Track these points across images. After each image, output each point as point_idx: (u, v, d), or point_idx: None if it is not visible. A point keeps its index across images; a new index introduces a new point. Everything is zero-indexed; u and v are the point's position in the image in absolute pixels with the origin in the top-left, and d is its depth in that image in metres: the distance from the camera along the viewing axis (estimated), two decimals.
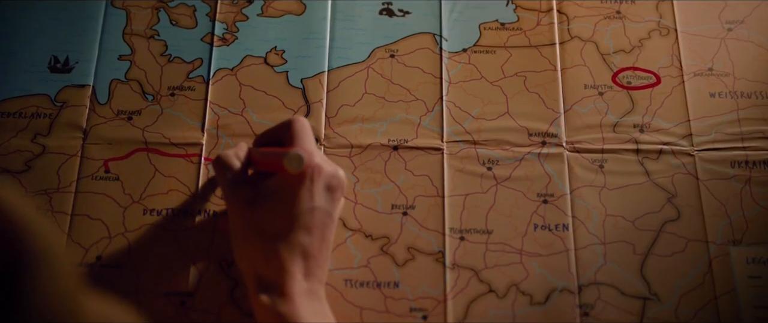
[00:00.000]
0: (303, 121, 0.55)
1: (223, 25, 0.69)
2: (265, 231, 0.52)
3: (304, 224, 0.52)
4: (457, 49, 0.68)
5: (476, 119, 0.65)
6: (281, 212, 0.52)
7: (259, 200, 0.53)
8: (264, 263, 0.52)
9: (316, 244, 0.52)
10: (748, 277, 0.59)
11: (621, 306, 0.58)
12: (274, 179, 0.54)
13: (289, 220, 0.52)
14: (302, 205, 0.52)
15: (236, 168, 0.55)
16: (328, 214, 0.53)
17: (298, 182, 0.52)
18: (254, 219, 0.53)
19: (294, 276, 0.51)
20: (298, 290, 0.51)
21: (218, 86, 0.66)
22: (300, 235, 0.52)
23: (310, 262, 0.52)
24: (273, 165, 0.54)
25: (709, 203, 0.62)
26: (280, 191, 0.53)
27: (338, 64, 0.67)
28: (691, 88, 0.66)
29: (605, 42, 0.68)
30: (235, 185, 0.54)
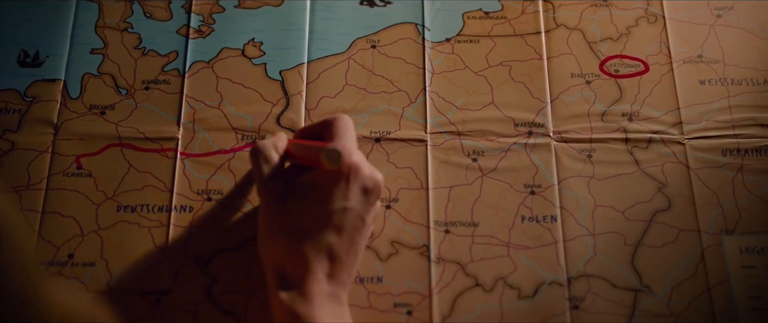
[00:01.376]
0: (346, 119, 0.55)
1: (199, 17, 0.69)
2: (294, 227, 0.51)
3: (334, 224, 0.51)
4: (440, 39, 0.68)
5: (461, 110, 0.65)
6: (312, 209, 0.51)
7: (291, 194, 0.53)
8: (287, 259, 0.51)
9: (344, 246, 0.51)
10: (742, 267, 0.59)
11: (612, 299, 0.58)
12: (309, 174, 0.53)
13: (320, 218, 0.51)
14: (335, 204, 0.51)
15: (273, 160, 0.54)
16: (360, 217, 0.52)
17: (333, 180, 0.51)
18: (284, 213, 0.52)
19: (316, 276, 0.50)
20: (318, 291, 0.50)
21: (194, 79, 0.66)
22: (328, 235, 0.51)
23: (335, 264, 0.51)
24: (310, 159, 0.53)
25: (700, 192, 0.62)
26: (313, 188, 0.52)
27: (318, 55, 0.67)
28: (680, 75, 0.66)
29: (592, 30, 0.68)
30: (270, 176, 0.54)
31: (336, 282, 0.51)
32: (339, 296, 0.51)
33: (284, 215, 0.52)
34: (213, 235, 0.60)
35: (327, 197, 0.51)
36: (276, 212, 0.52)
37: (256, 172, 0.54)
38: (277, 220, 0.52)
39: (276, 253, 0.52)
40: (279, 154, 0.55)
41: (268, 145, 0.55)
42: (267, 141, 0.55)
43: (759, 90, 0.65)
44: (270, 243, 0.52)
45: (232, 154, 0.63)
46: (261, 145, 0.54)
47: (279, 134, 0.57)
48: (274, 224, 0.52)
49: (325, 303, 0.50)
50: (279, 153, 0.55)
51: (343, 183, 0.51)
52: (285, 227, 0.52)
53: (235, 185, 0.61)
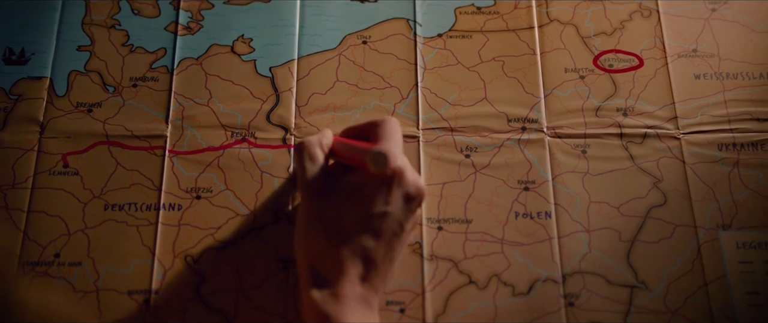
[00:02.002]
0: (394, 121, 0.55)
1: (187, 13, 0.68)
2: (332, 226, 0.51)
3: (372, 228, 0.51)
4: (432, 35, 0.68)
5: (453, 106, 0.65)
6: (352, 210, 0.51)
7: (333, 193, 0.52)
8: (322, 258, 0.51)
9: (380, 251, 0.51)
10: (739, 262, 0.59)
11: (607, 296, 0.58)
12: (353, 175, 0.53)
13: (359, 220, 0.51)
14: (376, 208, 0.51)
15: (318, 157, 0.54)
16: (400, 223, 0.52)
17: (376, 183, 0.51)
18: (323, 212, 0.52)
19: (350, 277, 0.50)
20: (350, 292, 0.50)
21: (183, 76, 0.66)
22: (366, 238, 0.51)
23: (370, 268, 0.51)
24: (355, 160, 0.53)
25: (696, 187, 0.62)
26: (356, 189, 0.52)
27: (308, 51, 0.67)
28: (675, 70, 0.66)
29: (585, 25, 0.68)
30: (313, 174, 0.53)
31: (369, 287, 0.51)
32: (370, 301, 0.51)
33: (324, 214, 0.52)
34: (202, 233, 0.60)
35: (368, 200, 0.51)
36: (316, 210, 0.52)
37: (300, 169, 0.54)
38: (316, 218, 0.52)
39: (311, 250, 0.51)
40: (324, 152, 0.55)
41: (314, 142, 0.54)
42: (313, 138, 0.55)
43: (754, 84, 0.65)
44: (307, 240, 0.52)
45: (222, 151, 0.63)
46: (307, 142, 0.54)
47: (325, 131, 0.57)
48: (313, 222, 0.52)
49: (356, 306, 0.50)
50: (324, 151, 0.55)
51: (385, 187, 0.51)
52: (323, 225, 0.51)
53: (224, 183, 0.61)
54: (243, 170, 0.62)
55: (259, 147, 0.63)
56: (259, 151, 0.63)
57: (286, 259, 0.59)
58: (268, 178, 0.62)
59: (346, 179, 0.53)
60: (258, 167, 0.62)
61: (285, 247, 0.59)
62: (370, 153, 0.49)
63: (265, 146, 0.63)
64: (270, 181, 0.61)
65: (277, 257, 0.59)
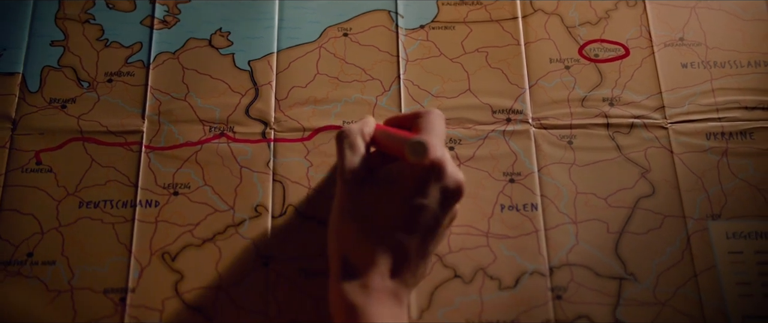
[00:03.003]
0: (438, 114, 0.54)
1: (164, 7, 0.68)
2: (366, 217, 0.51)
3: (406, 221, 0.50)
4: (414, 26, 0.68)
5: (436, 97, 0.65)
6: (388, 201, 0.51)
7: (371, 182, 0.52)
8: (354, 248, 0.50)
9: (413, 245, 0.50)
10: (729, 252, 0.59)
11: (596, 288, 0.58)
12: (392, 165, 0.52)
13: (393, 212, 0.50)
14: (412, 200, 0.50)
15: (358, 146, 0.53)
16: (436, 218, 0.51)
17: (414, 175, 0.50)
18: (359, 201, 0.51)
19: (380, 270, 0.49)
20: (379, 285, 0.49)
21: (159, 70, 0.65)
22: (400, 231, 0.50)
23: (401, 262, 0.50)
24: (394, 149, 0.52)
25: (684, 177, 0.62)
26: (393, 179, 0.51)
27: (288, 44, 0.67)
28: (661, 59, 0.66)
29: (570, 14, 0.69)
30: (352, 162, 0.52)
31: (399, 281, 0.50)
32: (400, 295, 0.50)
33: (359, 203, 0.51)
34: (180, 230, 0.59)
35: (405, 192, 0.50)
36: (352, 199, 0.51)
37: (339, 156, 0.53)
38: (351, 206, 0.51)
39: (344, 240, 0.50)
40: (365, 140, 0.54)
41: (355, 130, 0.54)
42: (354, 126, 0.54)
43: (742, 72, 0.66)
44: (340, 228, 0.51)
45: (200, 146, 0.62)
46: (348, 130, 0.54)
47: (367, 119, 0.56)
48: (348, 211, 0.51)
49: (385, 300, 0.49)
50: (365, 140, 0.54)
51: (424, 180, 0.50)
52: (358, 215, 0.51)
53: (203, 179, 0.61)
54: (222, 165, 0.62)
55: (238, 142, 0.63)
56: (238, 145, 0.62)
57: (267, 255, 0.58)
58: (247, 173, 0.61)
59: (385, 168, 0.52)
60: (237, 162, 0.62)
61: (265, 243, 0.59)
62: (408, 142, 0.49)
63: (244, 140, 0.63)
64: (249, 176, 0.61)
65: (257, 253, 0.58)
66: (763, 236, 0.60)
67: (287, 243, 0.59)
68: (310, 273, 0.58)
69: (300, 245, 0.59)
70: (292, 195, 0.61)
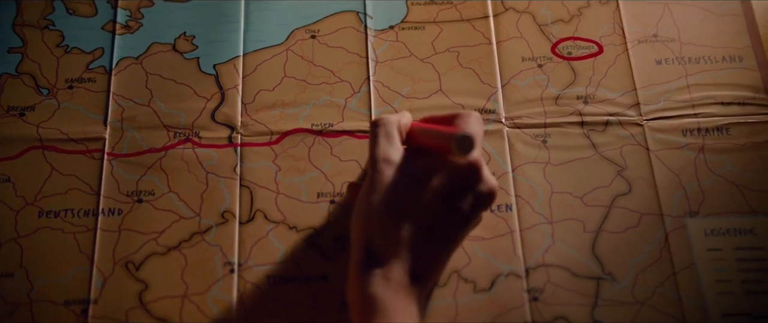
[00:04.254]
0: (477, 116, 0.53)
1: (126, 12, 0.68)
2: (395, 208, 0.50)
3: (434, 219, 0.50)
4: (383, 27, 0.68)
5: (407, 99, 0.65)
6: (417, 197, 0.50)
7: (401, 175, 0.51)
8: (379, 237, 0.50)
9: (432, 247, 0.50)
10: (707, 250, 0.59)
11: (573, 289, 0.58)
12: (426, 160, 0.52)
13: (422, 209, 0.50)
14: (442, 198, 0.50)
15: (393, 136, 0.53)
16: (464, 220, 0.51)
17: (449, 174, 0.50)
18: (389, 191, 0.50)
19: (401, 263, 0.49)
20: (399, 278, 0.49)
21: (122, 76, 0.65)
22: (425, 227, 0.50)
23: (419, 261, 0.50)
24: (434, 143, 0.52)
25: (661, 174, 0.62)
26: (426, 175, 0.51)
27: (254, 47, 0.67)
28: (635, 56, 0.67)
29: (542, 12, 0.69)
30: (386, 151, 0.52)
31: (416, 277, 0.50)
32: (415, 291, 0.50)
33: (389, 193, 0.50)
34: (144, 238, 0.59)
35: (437, 190, 0.50)
36: (381, 188, 0.50)
37: (372, 144, 0.53)
38: (380, 195, 0.50)
39: (370, 228, 0.50)
40: (401, 133, 0.54)
41: (393, 120, 0.53)
42: (392, 117, 0.54)
43: (717, 68, 0.66)
44: (367, 217, 0.50)
45: (164, 152, 0.62)
46: (386, 119, 0.53)
47: (404, 113, 0.56)
48: (376, 198, 0.50)
49: (402, 293, 0.49)
50: (401, 132, 0.54)
51: (458, 180, 0.50)
52: (386, 204, 0.50)
53: (167, 185, 0.60)
54: (187, 171, 0.61)
55: (203, 147, 0.62)
56: (204, 151, 0.62)
57: (234, 262, 0.58)
58: (213, 179, 0.61)
59: (419, 162, 0.52)
60: (203, 168, 0.61)
61: (232, 249, 0.58)
62: (455, 136, 0.48)
63: (210, 145, 0.62)
64: (216, 182, 0.61)
65: (224, 260, 0.58)
66: (742, 233, 0.60)
67: (256, 249, 0.59)
68: (279, 279, 0.58)
69: (269, 251, 0.59)
70: (260, 200, 0.60)
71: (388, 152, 0.52)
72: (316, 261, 0.58)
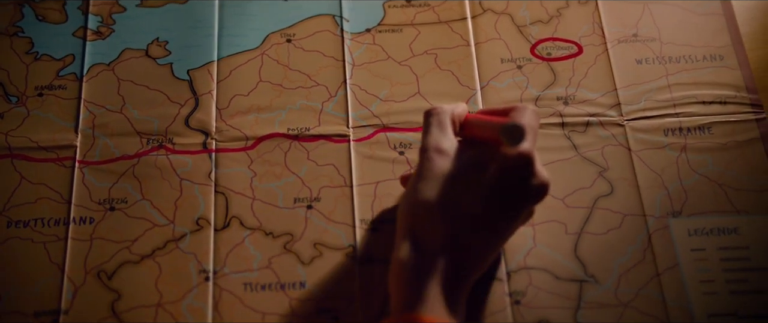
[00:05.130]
0: (533, 110, 0.53)
1: (97, 18, 0.68)
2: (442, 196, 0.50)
3: (483, 210, 0.50)
4: (359, 30, 0.68)
5: (385, 102, 0.65)
6: (467, 188, 0.50)
7: (451, 167, 0.51)
8: (423, 224, 0.50)
9: (480, 239, 0.50)
10: (691, 250, 0.60)
11: (555, 291, 0.58)
12: (477, 152, 0.52)
13: (471, 199, 0.50)
14: (491, 191, 0.50)
15: (446, 126, 0.53)
16: (511, 215, 0.51)
17: (500, 166, 0.50)
18: (438, 180, 0.51)
19: (445, 256, 0.49)
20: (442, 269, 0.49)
21: (93, 82, 0.65)
22: (470, 220, 0.50)
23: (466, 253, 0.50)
24: (486, 134, 0.52)
25: (643, 174, 0.62)
26: (477, 167, 0.51)
27: (229, 52, 0.67)
28: (615, 56, 0.67)
29: (521, 13, 0.69)
30: (437, 140, 0.52)
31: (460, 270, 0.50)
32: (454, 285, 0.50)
33: (438, 182, 0.50)
34: (116, 247, 0.58)
35: (488, 181, 0.50)
36: (431, 176, 0.51)
37: (425, 133, 0.53)
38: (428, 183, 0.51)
39: (416, 214, 0.50)
40: (454, 123, 0.54)
41: (446, 110, 0.54)
42: (446, 106, 0.54)
43: (698, 67, 0.67)
44: (414, 204, 0.51)
45: (137, 159, 0.62)
46: (440, 109, 0.53)
47: (459, 104, 0.56)
48: (425, 185, 0.51)
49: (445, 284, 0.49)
50: (454, 123, 0.54)
51: (509, 172, 0.50)
52: (435, 192, 0.50)
53: (140, 193, 0.60)
54: (160, 178, 0.61)
55: (177, 153, 0.62)
56: (178, 157, 0.62)
57: (209, 270, 0.58)
58: (188, 185, 0.61)
59: (470, 153, 0.52)
60: (177, 175, 0.61)
61: (208, 257, 0.58)
62: (504, 125, 0.49)
63: (184, 152, 0.62)
64: (190, 188, 0.61)
65: (199, 268, 0.58)
66: (726, 232, 0.60)
67: (231, 256, 0.58)
68: (255, 286, 0.57)
69: (245, 258, 0.58)
70: (235, 206, 0.60)
71: (440, 141, 0.52)
72: (294, 268, 0.58)
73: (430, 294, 0.48)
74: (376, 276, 0.58)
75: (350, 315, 0.57)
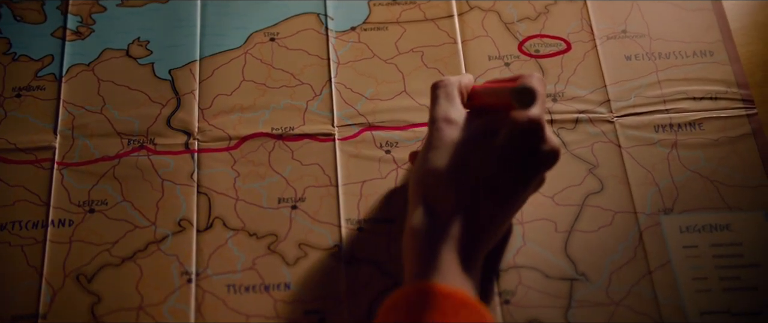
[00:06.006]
0: (540, 78, 0.53)
1: (77, 18, 0.68)
2: (452, 165, 0.51)
3: (494, 177, 0.50)
4: (344, 28, 0.68)
5: (370, 100, 0.65)
6: (477, 155, 0.51)
7: (461, 135, 0.52)
8: (435, 191, 0.50)
9: (492, 206, 0.51)
10: (683, 247, 0.60)
11: (546, 290, 0.58)
12: (487, 119, 0.52)
13: (481, 165, 0.50)
14: (502, 158, 0.50)
15: (454, 97, 0.54)
16: (523, 181, 0.51)
17: (511, 133, 0.50)
18: (447, 151, 0.51)
19: (457, 222, 0.49)
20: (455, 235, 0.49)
21: (73, 83, 0.65)
22: (482, 188, 0.50)
23: (478, 220, 0.50)
24: (495, 99, 0.53)
25: (634, 171, 0.62)
26: (487, 134, 0.51)
27: (211, 51, 0.67)
28: (604, 52, 0.68)
29: (508, 11, 0.69)
30: (446, 110, 0.53)
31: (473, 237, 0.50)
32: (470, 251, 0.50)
33: (447, 150, 0.51)
34: (96, 249, 0.58)
35: (498, 148, 0.50)
36: (440, 144, 0.51)
37: (433, 105, 0.54)
38: (438, 151, 0.51)
39: (426, 185, 0.51)
40: (462, 94, 0.54)
41: (453, 81, 0.54)
42: (453, 78, 0.55)
43: (688, 63, 0.67)
44: (424, 174, 0.51)
45: (117, 160, 0.61)
46: (446, 81, 0.54)
47: (466, 74, 0.56)
48: (434, 155, 0.51)
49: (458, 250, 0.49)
50: (462, 93, 0.54)
51: (519, 138, 0.50)
52: (444, 160, 0.51)
53: (121, 194, 0.60)
54: (142, 179, 0.61)
55: (159, 154, 0.62)
56: (160, 158, 0.62)
57: (192, 271, 0.57)
58: (169, 186, 0.61)
59: (480, 121, 0.52)
60: (158, 176, 0.61)
61: (190, 259, 0.58)
62: (515, 88, 0.49)
63: (166, 152, 0.62)
64: (172, 189, 0.60)
65: (181, 270, 0.57)
66: (718, 229, 0.60)
67: (214, 257, 0.58)
68: (239, 288, 0.57)
69: (228, 259, 0.58)
70: (218, 207, 0.60)
71: (448, 111, 0.53)
72: (278, 269, 0.58)
73: (443, 261, 0.48)
74: (363, 276, 0.57)
75: (336, 316, 0.56)
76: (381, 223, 0.60)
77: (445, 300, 0.46)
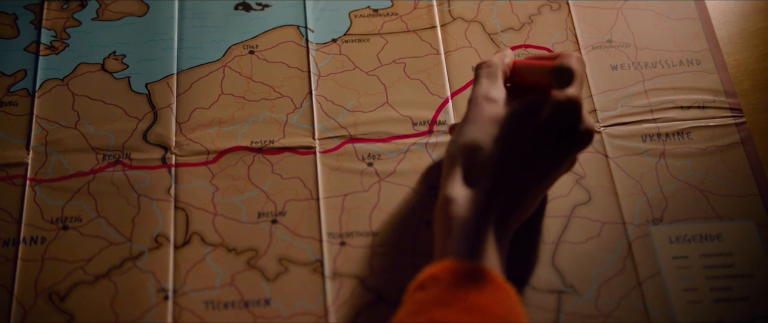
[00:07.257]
0: (579, 57, 0.54)
1: (51, 32, 0.68)
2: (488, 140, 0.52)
3: (526, 155, 0.52)
4: (325, 40, 0.68)
5: (352, 112, 0.65)
6: (515, 132, 0.52)
7: (500, 111, 0.53)
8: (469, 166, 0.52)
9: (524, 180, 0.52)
10: (673, 258, 0.59)
11: (533, 303, 0.57)
12: (527, 99, 0.54)
13: (515, 143, 0.52)
14: (538, 135, 0.52)
15: (496, 77, 0.55)
16: (556, 159, 0.53)
17: (549, 111, 0.51)
18: (485, 126, 0.52)
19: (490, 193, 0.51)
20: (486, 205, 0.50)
21: (46, 98, 0.65)
22: (515, 163, 0.52)
23: (510, 193, 0.52)
24: (535, 77, 0.55)
25: (622, 181, 0.62)
26: (526, 112, 0.53)
27: (189, 65, 0.67)
28: (590, 62, 0.68)
29: (491, 21, 0.70)
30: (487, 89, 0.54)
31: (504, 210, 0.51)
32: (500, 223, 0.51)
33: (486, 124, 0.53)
34: (70, 267, 0.57)
35: (534, 123, 0.52)
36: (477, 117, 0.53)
37: (476, 84, 0.56)
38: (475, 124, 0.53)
39: (461, 156, 0.52)
40: (504, 73, 0.56)
41: (497, 62, 0.56)
42: (496, 59, 0.56)
43: (674, 72, 0.67)
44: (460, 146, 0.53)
45: (92, 176, 0.61)
46: (490, 61, 0.56)
47: (505, 51, 0.58)
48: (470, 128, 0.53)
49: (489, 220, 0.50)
50: (505, 72, 0.56)
51: (557, 117, 0.51)
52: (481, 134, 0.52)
53: (96, 210, 0.59)
54: (117, 194, 0.60)
55: (135, 169, 0.62)
56: (136, 173, 0.61)
57: (169, 288, 0.57)
58: (146, 201, 0.60)
59: (519, 101, 0.54)
60: (134, 191, 0.61)
61: (167, 275, 0.57)
62: (553, 67, 0.51)
63: (142, 167, 0.62)
64: (148, 205, 0.60)
65: (158, 287, 0.57)
66: (708, 239, 0.60)
67: (192, 273, 0.58)
68: (218, 304, 0.56)
69: (207, 275, 0.58)
70: (196, 222, 0.60)
71: (489, 90, 0.54)
72: (258, 285, 0.57)
73: (481, 238, 0.49)
74: (345, 291, 0.57)
75: None
76: (364, 236, 0.59)
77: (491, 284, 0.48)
